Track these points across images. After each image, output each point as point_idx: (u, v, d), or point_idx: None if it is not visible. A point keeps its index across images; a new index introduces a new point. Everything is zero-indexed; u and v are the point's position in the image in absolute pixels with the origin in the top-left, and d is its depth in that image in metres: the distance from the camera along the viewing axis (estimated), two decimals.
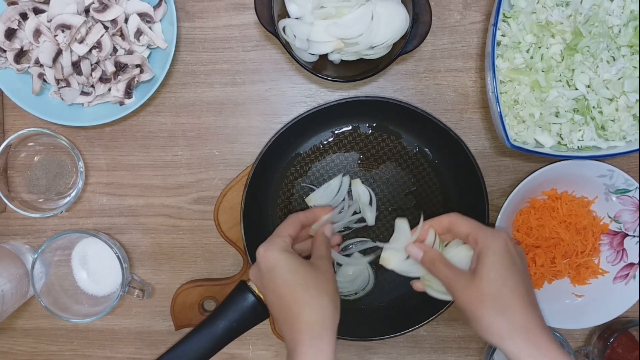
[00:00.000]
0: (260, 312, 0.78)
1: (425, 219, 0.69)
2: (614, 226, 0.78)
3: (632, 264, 0.77)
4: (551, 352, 0.57)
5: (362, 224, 0.80)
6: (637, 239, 0.77)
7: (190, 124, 0.81)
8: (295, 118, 0.77)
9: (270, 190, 0.81)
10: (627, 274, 0.77)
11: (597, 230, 0.78)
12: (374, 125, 0.80)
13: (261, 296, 0.78)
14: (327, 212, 0.74)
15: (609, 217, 0.78)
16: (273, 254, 0.65)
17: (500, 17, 0.71)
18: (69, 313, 0.79)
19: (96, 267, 0.82)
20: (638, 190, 0.74)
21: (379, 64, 0.72)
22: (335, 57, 0.74)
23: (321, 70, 0.74)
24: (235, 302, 0.77)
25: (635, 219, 0.76)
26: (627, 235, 0.77)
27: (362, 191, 0.79)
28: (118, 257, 0.78)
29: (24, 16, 0.73)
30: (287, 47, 0.71)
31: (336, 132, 0.80)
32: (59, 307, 0.79)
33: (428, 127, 0.77)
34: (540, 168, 0.73)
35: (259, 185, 0.78)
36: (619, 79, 0.71)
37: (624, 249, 0.78)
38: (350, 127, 0.80)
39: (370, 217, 0.79)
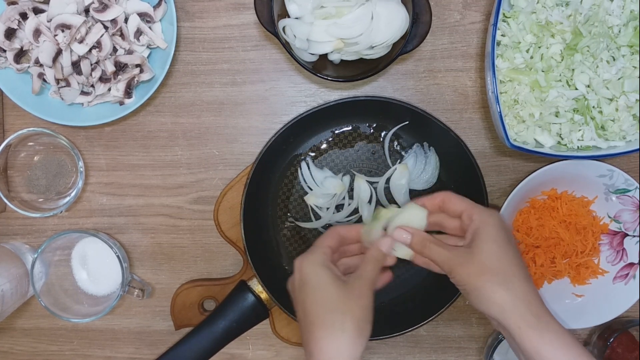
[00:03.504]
0: (260, 312, 0.78)
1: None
2: (614, 226, 0.78)
3: (632, 264, 0.77)
4: (551, 324, 0.57)
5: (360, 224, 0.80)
6: (637, 239, 0.77)
7: (190, 124, 0.81)
8: (295, 118, 0.77)
9: (270, 190, 0.81)
10: (627, 274, 0.77)
11: (597, 230, 0.78)
12: (374, 125, 0.80)
13: (261, 296, 0.78)
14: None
15: (609, 217, 0.78)
16: (308, 266, 0.62)
17: (500, 17, 0.71)
18: (69, 313, 0.79)
19: (96, 267, 0.82)
20: (638, 190, 0.74)
21: (379, 64, 0.72)
22: (335, 57, 0.74)
23: (321, 70, 0.74)
24: (235, 302, 0.78)
25: (635, 219, 0.76)
26: (627, 235, 0.77)
27: (363, 188, 0.79)
28: (118, 257, 0.78)
29: (23, 16, 0.73)
30: (287, 47, 0.71)
31: (336, 132, 0.80)
32: (59, 307, 0.79)
33: (428, 127, 0.77)
34: (540, 168, 0.73)
35: (259, 185, 0.78)
36: (619, 79, 0.71)
37: (624, 249, 0.78)
38: (350, 127, 0.80)
39: (367, 215, 0.79)
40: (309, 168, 0.80)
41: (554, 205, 0.77)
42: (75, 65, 0.74)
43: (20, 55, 0.75)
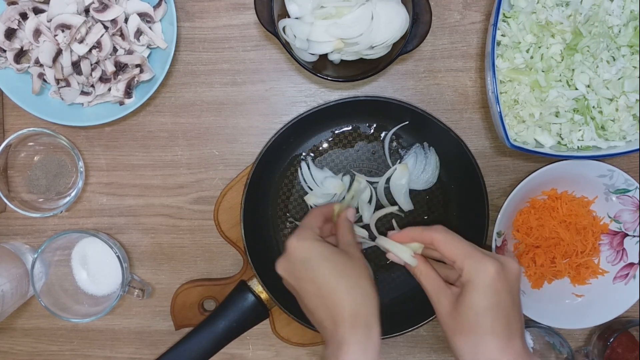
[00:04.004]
0: (260, 312, 0.78)
1: (422, 221, 0.68)
2: (614, 226, 0.78)
3: (632, 264, 0.77)
4: None
5: (360, 223, 0.80)
6: (637, 239, 0.77)
7: (190, 124, 0.81)
8: (295, 118, 0.77)
9: (270, 190, 0.81)
10: (627, 274, 0.77)
11: (597, 230, 0.78)
12: (374, 125, 0.80)
13: (261, 296, 0.78)
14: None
15: (609, 217, 0.78)
16: (306, 243, 0.63)
17: (500, 17, 0.71)
18: (69, 313, 0.79)
19: (96, 267, 0.82)
20: (638, 190, 0.74)
21: (379, 64, 0.72)
22: (335, 57, 0.74)
23: (321, 70, 0.74)
24: (235, 302, 0.78)
25: (635, 219, 0.76)
26: (627, 235, 0.77)
27: (363, 187, 0.79)
28: (118, 257, 0.78)
29: (24, 16, 0.73)
30: (287, 47, 0.71)
31: (336, 132, 0.80)
32: (59, 307, 0.79)
33: (428, 127, 0.77)
34: (540, 168, 0.73)
35: (259, 185, 0.78)
36: (619, 79, 0.71)
37: (624, 249, 0.78)
38: (350, 127, 0.80)
39: (367, 215, 0.79)
40: (309, 168, 0.80)
41: (554, 205, 0.77)
42: (75, 65, 0.74)
43: (20, 55, 0.75)
